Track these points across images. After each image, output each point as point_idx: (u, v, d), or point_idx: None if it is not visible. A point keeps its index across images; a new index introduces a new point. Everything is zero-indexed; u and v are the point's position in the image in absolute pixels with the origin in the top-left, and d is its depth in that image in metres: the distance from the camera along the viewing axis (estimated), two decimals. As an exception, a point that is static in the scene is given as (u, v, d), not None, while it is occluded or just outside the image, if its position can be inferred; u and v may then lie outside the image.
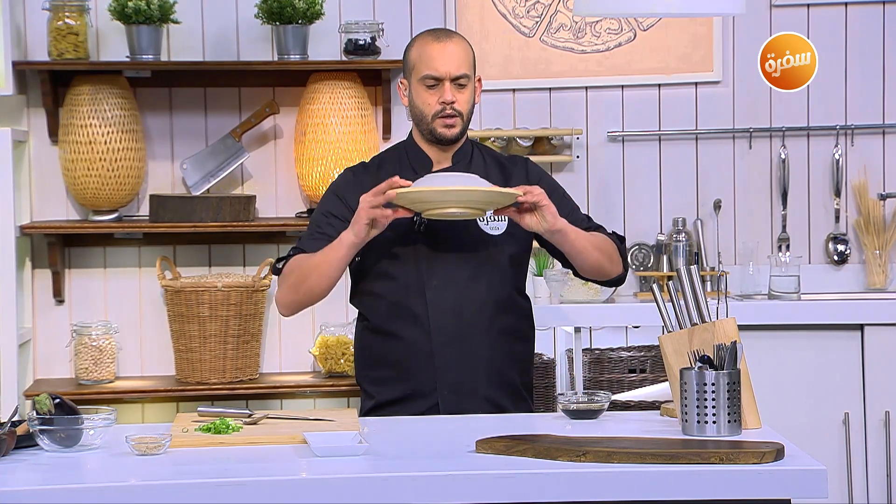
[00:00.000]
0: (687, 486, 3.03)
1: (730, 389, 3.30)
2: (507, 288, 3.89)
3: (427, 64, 3.89)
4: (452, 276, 3.83)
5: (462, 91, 3.89)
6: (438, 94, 3.87)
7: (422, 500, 3.02)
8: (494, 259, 3.87)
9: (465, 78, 3.89)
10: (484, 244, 3.86)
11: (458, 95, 3.88)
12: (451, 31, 3.98)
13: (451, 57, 3.88)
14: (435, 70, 3.87)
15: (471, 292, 3.83)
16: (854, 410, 5.31)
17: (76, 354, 5.36)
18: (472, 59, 3.94)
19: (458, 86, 3.88)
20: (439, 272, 3.83)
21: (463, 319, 3.82)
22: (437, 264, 3.84)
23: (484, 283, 3.84)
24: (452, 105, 3.86)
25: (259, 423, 3.57)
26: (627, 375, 5.61)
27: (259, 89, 5.56)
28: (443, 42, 3.90)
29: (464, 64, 3.89)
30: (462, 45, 3.92)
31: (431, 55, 3.88)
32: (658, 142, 5.74)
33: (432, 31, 3.97)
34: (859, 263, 5.74)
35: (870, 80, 5.71)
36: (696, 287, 3.51)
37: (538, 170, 4.06)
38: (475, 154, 4.01)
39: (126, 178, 5.38)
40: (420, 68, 3.90)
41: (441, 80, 3.87)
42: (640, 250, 5.69)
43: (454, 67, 3.87)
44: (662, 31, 5.67)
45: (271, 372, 5.59)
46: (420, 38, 3.96)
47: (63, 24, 5.31)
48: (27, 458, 3.26)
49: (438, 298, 3.82)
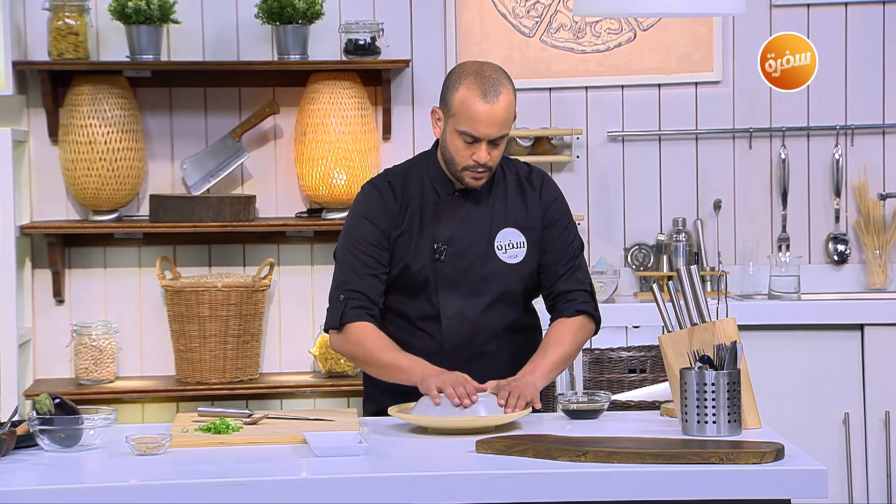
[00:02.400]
0: (687, 485, 3.03)
1: (730, 389, 3.30)
2: (519, 311, 3.90)
3: (469, 122, 3.68)
4: (468, 308, 3.82)
5: (497, 147, 3.74)
6: (473, 150, 3.72)
7: (422, 499, 3.02)
8: (511, 288, 3.85)
9: (503, 138, 3.74)
10: (502, 275, 3.84)
11: (493, 153, 3.73)
12: (498, 85, 3.70)
13: (496, 121, 3.68)
14: (476, 132, 3.69)
15: (485, 322, 3.83)
16: (854, 410, 5.31)
17: (76, 354, 5.36)
18: (514, 110, 3.74)
19: (494, 144, 3.73)
20: (456, 303, 3.82)
21: (474, 349, 3.83)
22: (454, 294, 3.82)
23: (499, 313, 3.84)
24: (486, 163, 3.74)
25: (259, 423, 3.57)
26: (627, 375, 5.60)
27: (259, 89, 5.56)
28: (491, 104, 3.66)
29: (507, 124, 3.71)
30: (506, 103, 3.69)
31: (476, 116, 3.67)
32: (658, 142, 5.74)
33: (480, 84, 3.69)
34: (859, 263, 5.74)
35: (870, 80, 5.71)
36: (696, 287, 3.51)
37: (553, 193, 3.93)
38: (498, 175, 3.87)
39: (126, 178, 5.38)
40: (460, 121, 3.71)
41: (480, 140, 3.72)
42: (640, 250, 5.69)
43: (496, 130, 3.70)
44: (662, 32, 5.67)
45: (271, 372, 5.59)
46: (466, 84, 3.69)
47: (63, 24, 5.31)
48: (27, 458, 3.26)
49: (453, 328, 3.82)
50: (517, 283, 3.85)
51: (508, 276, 3.83)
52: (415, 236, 3.82)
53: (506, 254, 3.83)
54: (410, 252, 3.82)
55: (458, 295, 3.82)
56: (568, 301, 3.88)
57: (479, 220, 3.83)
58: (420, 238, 3.82)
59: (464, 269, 3.82)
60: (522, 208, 3.87)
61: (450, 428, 3.46)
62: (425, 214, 3.83)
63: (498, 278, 3.83)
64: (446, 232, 3.81)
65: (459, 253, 3.81)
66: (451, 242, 3.81)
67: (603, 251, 5.68)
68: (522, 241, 3.85)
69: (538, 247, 3.87)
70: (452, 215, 3.83)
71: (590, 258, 5.68)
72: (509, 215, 3.85)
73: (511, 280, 3.84)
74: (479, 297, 3.82)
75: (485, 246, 3.82)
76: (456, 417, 3.46)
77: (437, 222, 3.82)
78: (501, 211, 3.85)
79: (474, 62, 3.80)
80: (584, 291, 3.89)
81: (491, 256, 3.83)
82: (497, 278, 3.83)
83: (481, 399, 3.52)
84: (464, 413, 3.47)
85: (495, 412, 3.49)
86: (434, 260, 3.81)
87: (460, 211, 3.83)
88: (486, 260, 3.82)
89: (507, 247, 3.84)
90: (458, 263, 3.81)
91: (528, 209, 3.87)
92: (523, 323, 3.92)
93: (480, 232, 3.83)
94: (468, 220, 3.83)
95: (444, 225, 3.82)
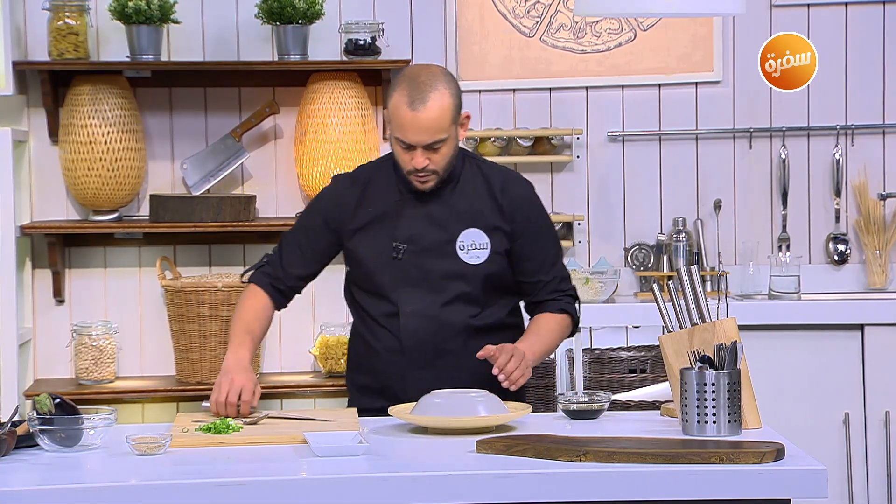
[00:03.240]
0: (687, 486, 3.03)
1: (730, 389, 3.30)
2: (488, 314, 3.88)
3: (399, 129, 3.70)
4: (426, 305, 3.82)
5: (437, 152, 3.73)
6: (411, 155, 3.73)
7: (422, 500, 3.02)
8: (471, 288, 3.84)
9: (439, 143, 3.72)
10: (462, 275, 3.84)
11: (432, 157, 3.73)
12: (428, 91, 3.68)
13: (423, 128, 3.68)
14: (406, 138, 3.71)
15: (445, 320, 3.82)
16: (854, 410, 5.31)
17: (76, 354, 5.36)
18: (451, 116, 3.70)
19: (432, 149, 3.72)
20: (414, 300, 3.83)
21: (437, 346, 3.81)
22: (412, 292, 3.83)
23: (458, 312, 3.82)
24: (426, 167, 3.75)
25: (259, 423, 3.57)
26: (628, 375, 5.61)
27: (259, 89, 5.56)
28: (416, 111, 3.65)
29: (439, 130, 3.69)
30: (436, 110, 3.67)
31: (403, 124, 3.69)
32: (658, 142, 5.74)
33: (409, 90, 3.68)
34: (859, 263, 5.74)
35: (870, 80, 5.71)
36: (697, 287, 3.51)
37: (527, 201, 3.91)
38: (465, 175, 3.88)
39: (126, 178, 5.38)
40: (394, 127, 3.74)
41: (414, 146, 3.73)
42: (640, 250, 5.69)
43: (426, 137, 3.68)
44: (662, 31, 5.67)
45: (271, 372, 5.59)
46: (399, 91, 3.70)
47: (63, 24, 5.31)
48: (27, 458, 3.26)
49: (411, 325, 3.82)
50: (477, 284, 3.84)
51: (469, 275, 3.83)
52: (375, 234, 3.85)
53: (467, 254, 3.84)
54: (370, 249, 3.85)
55: (418, 293, 3.83)
56: (552, 302, 3.90)
57: (442, 219, 3.84)
58: (380, 236, 3.85)
59: (423, 268, 3.83)
60: (491, 211, 3.85)
61: (450, 428, 3.46)
62: (388, 212, 3.86)
63: (458, 277, 3.83)
64: (406, 231, 3.83)
65: (419, 251, 3.83)
66: (410, 241, 3.83)
67: (603, 251, 5.68)
68: (486, 243, 3.85)
69: (504, 251, 3.86)
70: (414, 214, 3.84)
71: (590, 258, 5.68)
72: (475, 216, 3.85)
73: (471, 280, 3.84)
74: (438, 294, 3.82)
75: (446, 245, 3.83)
76: (456, 417, 3.46)
77: (397, 220, 3.85)
78: (466, 211, 3.85)
79: (417, 66, 3.81)
80: (569, 296, 3.91)
81: (452, 255, 3.83)
82: (457, 277, 3.83)
83: (482, 399, 3.52)
84: (464, 413, 3.47)
85: (495, 412, 3.49)
86: (392, 258, 3.83)
87: (422, 210, 3.84)
88: (447, 259, 3.83)
89: (470, 247, 3.84)
90: (417, 262, 3.83)
91: (496, 213, 3.85)
92: (494, 322, 3.90)
93: (442, 231, 3.84)
94: (430, 218, 3.84)
95: (404, 223, 3.84)
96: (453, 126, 3.74)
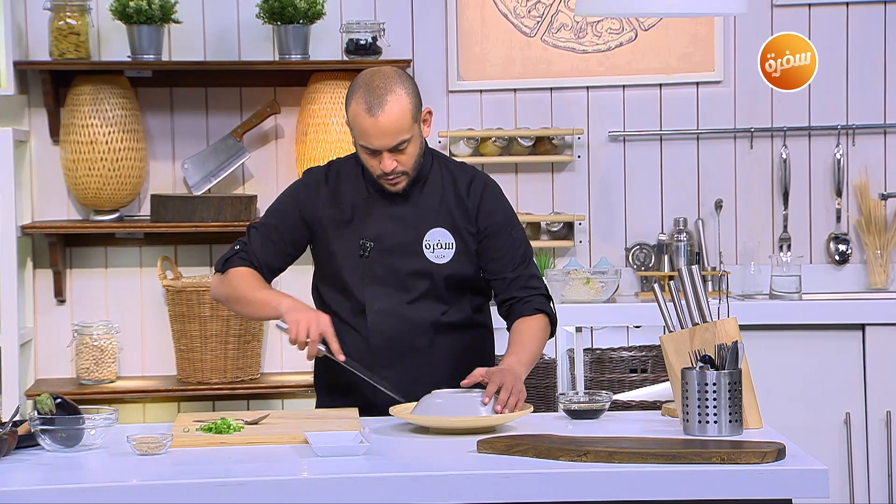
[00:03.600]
0: (688, 485, 3.03)
1: (731, 389, 3.30)
2: (455, 312, 3.89)
3: (362, 136, 3.71)
4: (392, 303, 3.83)
5: (403, 153, 3.74)
6: (379, 160, 3.74)
7: (423, 499, 3.02)
8: (437, 286, 3.85)
9: (404, 143, 3.73)
10: (427, 273, 3.85)
11: (399, 158, 3.74)
12: (384, 94, 3.69)
13: (386, 132, 3.69)
14: (370, 144, 3.72)
15: (410, 318, 3.82)
16: (855, 410, 5.31)
17: (77, 354, 5.37)
18: (411, 115, 3.71)
19: (398, 151, 3.73)
20: (380, 298, 3.83)
21: (402, 344, 3.82)
22: (378, 290, 3.84)
23: (425, 310, 3.83)
24: (395, 169, 3.75)
25: (260, 423, 3.57)
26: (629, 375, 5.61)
27: (260, 89, 5.56)
28: (375, 116, 3.67)
29: (401, 131, 3.70)
30: (396, 111, 3.68)
31: (365, 131, 3.70)
32: (659, 142, 5.74)
33: (366, 97, 3.69)
34: (860, 263, 5.74)
35: (871, 79, 5.71)
36: (698, 287, 3.51)
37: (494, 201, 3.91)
38: (433, 175, 3.89)
39: (127, 177, 5.38)
40: (357, 135, 3.74)
41: (379, 151, 3.74)
42: (641, 250, 5.69)
43: (390, 140, 3.70)
44: (663, 31, 5.67)
45: (272, 372, 5.60)
46: (354, 99, 3.71)
47: (64, 24, 5.31)
48: (28, 457, 3.26)
49: (378, 323, 3.83)
50: (442, 282, 3.85)
51: (434, 274, 3.84)
52: (343, 232, 3.85)
53: (433, 253, 3.85)
54: (336, 247, 3.85)
55: (385, 291, 3.84)
56: (525, 302, 3.89)
57: (409, 217, 3.85)
58: (348, 234, 3.85)
59: (390, 266, 3.84)
60: (457, 211, 3.87)
61: (451, 428, 3.46)
62: (356, 210, 3.86)
63: (423, 276, 3.84)
64: (373, 229, 3.84)
65: (386, 250, 3.84)
66: (377, 240, 3.84)
67: (604, 251, 5.68)
68: (451, 243, 3.85)
69: (472, 251, 3.87)
70: (381, 213, 3.85)
71: (591, 258, 5.68)
72: (441, 216, 3.86)
73: (437, 278, 3.85)
74: (405, 293, 3.84)
75: (413, 244, 3.84)
76: (457, 417, 3.46)
77: (365, 219, 3.85)
78: (433, 210, 3.86)
79: (369, 71, 3.78)
80: (540, 295, 3.90)
81: (418, 254, 3.84)
82: (422, 276, 3.84)
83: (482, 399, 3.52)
84: (465, 413, 3.48)
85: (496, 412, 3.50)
86: (359, 256, 3.84)
87: (390, 208, 3.85)
88: (413, 257, 3.84)
89: (435, 246, 3.85)
90: (384, 260, 3.84)
91: (462, 213, 3.87)
92: (460, 320, 3.90)
93: (409, 230, 3.84)
94: (397, 217, 3.85)
95: (372, 222, 3.85)
96: (415, 125, 3.75)
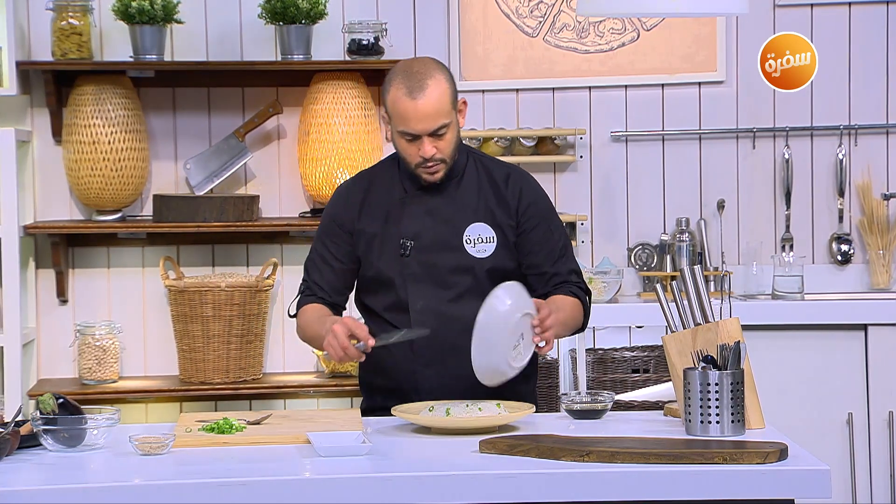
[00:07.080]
0: (690, 486, 3.03)
1: (733, 389, 3.30)
2: None
3: (403, 121, 3.72)
4: (435, 301, 3.83)
5: (442, 139, 3.76)
6: (418, 146, 3.75)
7: (425, 500, 3.02)
8: (479, 281, 3.84)
9: (443, 128, 3.75)
10: (468, 268, 3.85)
11: (438, 144, 3.75)
12: (425, 78, 3.72)
13: (427, 115, 3.71)
14: (411, 129, 3.73)
15: (453, 315, 3.82)
16: (858, 410, 5.31)
17: (80, 354, 5.37)
18: (450, 100, 3.75)
19: (437, 136, 3.75)
20: (423, 295, 3.83)
21: (446, 342, 3.81)
22: (421, 288, 3.84)
23: (469, 306, 3.82)
24: (434, 156, 3.77)
25: (262, 423, 3.57)
26: (631, 375, 5.61)
27: (262, 89, 5.56)
28: (416, 99, 3.69)
29: (441, 115, 3.72)
30: (436, 95, 3.71)
31: (406, 114, 3.71)
32: (661, 142, 5.74)
33: (406, 82, 3.72)
34: (863, 263, 5.74)
35: (873, 79, 5.71)
36: (700, 287, 3.51)
37: (533, 195, 3.94)
38: (468, 170, 3.90)
39: (129, 177, 5.38)
40: (397, 122, 3.76)
41: (419, 136, 3.75)
42: (643, 250, 5.69)
43: (431, 124, 3.71)
44: (666, 31, 5.67)
45: (275, 372, 5.60)
46: (394, 85, 3.74)
47: (67, 24, 5.31)
48: (31, 457, 3.26)
49: (421, 322, 3.81)
50: (484, 277, 3.85)
51: (476, 269, 3.84)
52: (381, 234, 3.86)
53: (474, 248, 3.85)
54: (377, 250, 3.86)
55: (426, 289, 3.84)
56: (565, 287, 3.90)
57: (447, 213, 3.85)
58: (386, 235, 3.86)
59: (430, 264, 3.84)
60: (495, 205, 3.87)
61: (453, 428, 3.46)
62: (392, 211, 3.87)
63: (465, 271, 3.84)
64: (412, 228, 3.84)
65: (426, 247, 3.83)
66: (416, 238, 3.84)
67: (606, 251, 5.68)
68: (492, 237, 3.86)
69: (511, 245, 3.87)
70: (418, 211, 3.85)
71: (593, 258, 5.68)
72: (480, 210, 3.86)
73: (478, 273, 3.84)
74: (447, 290, 3.83)
75: (452, 239, 3.84)
76: (459, 417, 3.46)
77: (402, 218, 3.86)
78: (472, 205, 3.86)
79: (407, 60, 3.86)
80: (579, 288, 3.91)
81: (459, 250, 3.84)
82: (464, 271, 3.84)
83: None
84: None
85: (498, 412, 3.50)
86: (400, 255, 3.84)
87: (427, 206, 3.85)
88: (454, 253, 3.84)
89: (476, 241, 3.85)
90: (424, 258, 3.84)
91: (501, 206, 3.87)
92: None
93: (448, 225, 3.85)
94: (435, 214, 3.85)
95: (409, 221, 3.85)
96: (453, 111, 3.78)
